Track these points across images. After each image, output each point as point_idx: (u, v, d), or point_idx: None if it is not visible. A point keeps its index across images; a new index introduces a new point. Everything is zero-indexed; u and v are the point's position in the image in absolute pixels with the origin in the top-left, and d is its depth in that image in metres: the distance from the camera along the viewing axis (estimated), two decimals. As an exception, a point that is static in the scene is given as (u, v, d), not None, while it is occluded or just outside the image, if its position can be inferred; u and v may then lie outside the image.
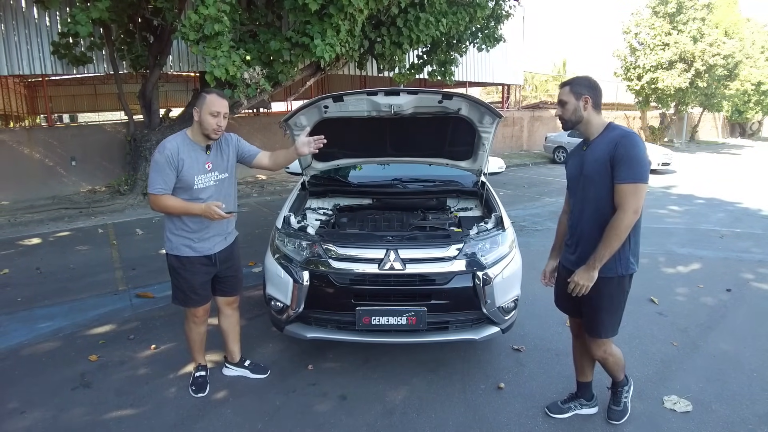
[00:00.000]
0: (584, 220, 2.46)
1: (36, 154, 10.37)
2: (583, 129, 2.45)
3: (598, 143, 2.39)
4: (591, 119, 2.41)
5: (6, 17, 9.22)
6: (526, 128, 20.87)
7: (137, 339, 3.84)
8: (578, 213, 2.51)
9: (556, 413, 2.85)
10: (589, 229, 2.43)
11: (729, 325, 4.04)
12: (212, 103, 2.66)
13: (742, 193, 10.54)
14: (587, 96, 2.37)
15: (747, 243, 6.52)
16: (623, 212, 2.25)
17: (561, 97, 2.44)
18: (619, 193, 2.26)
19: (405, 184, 4.49)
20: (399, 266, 2.99)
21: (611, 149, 2.27)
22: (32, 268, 5.60)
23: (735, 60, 22.28)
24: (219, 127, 2.70)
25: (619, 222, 2.25)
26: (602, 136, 2.39)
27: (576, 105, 2.39)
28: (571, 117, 2.42)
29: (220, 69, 7.47)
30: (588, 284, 2.37)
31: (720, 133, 33.48)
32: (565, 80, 2.48)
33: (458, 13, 10.13)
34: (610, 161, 2.28)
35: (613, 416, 2.79)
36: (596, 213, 2.39)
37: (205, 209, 2.67)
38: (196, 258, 2.86)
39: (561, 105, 2.44)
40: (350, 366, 3.41)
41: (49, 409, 2.94)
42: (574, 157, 2.58)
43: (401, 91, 3.42)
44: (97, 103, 27.16)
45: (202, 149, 2.79)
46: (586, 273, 2.36)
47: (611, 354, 2.63)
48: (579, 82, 2.42)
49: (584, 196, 2.44)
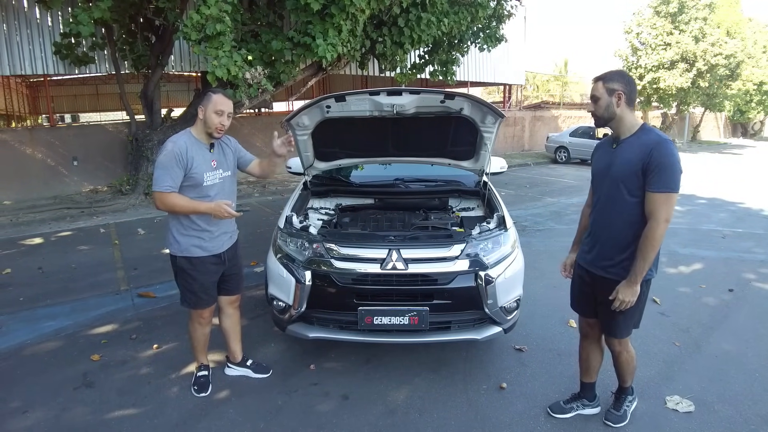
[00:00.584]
0: (605, 221, 2.43)
1: (38, 154, 10.39)
2: (615, 126, 2.38)
3: (630, 144, 2.31)
4: (624, 117, 2.33)
5: (8, 17, 9.23)
6: (527, 128, 20.86)
7: (139, 339, 3.84)
8: (600, 212, 2.48)
9: (559, 413, 2.85)
10: (609, 231, 2.41)
11: (731, 326, 4.04)
12: (218, 102, 2.71)
13: (744, 193, 10.53)
14: (620, 92, 2.29)
15: (749, 243, 6.51)
16: (656, 222, 2.21)
17: (594, 93, 2.36)
18: (652, 201, 2.22)
19: (407, 184, 4.49)
20: (401, 266, 2.99)
21: (645, 155, 2.21)
22: (34, 268, 5.61)
23: (737, 60, 22.25)
24: (222, 125, 2.74)
25: (653, 232, 2.22)
26: (635, 137, 2.31)
27: (609, 101, 2.31)
28: (604, 114, 2.34)
29: (221, 69, 7.48)
30: (633, 299, 2.32)
31: (722, 133, 33.45)
32: (598, 75, 2.39)
33: (460, 13, 10.13)
34: (642, 167, 2.22)
35: (610, 418, 2.77)
36: (620, 216, 2.36)
37: (215, 207, 2.68)
38: (207, 258, 2.87)
39: (593, 100, 2.37)
40: (352, 366, 3.41)
41: (52, 408, 2.94)
42: (602, 152, 2.52)
43: (403, 91, 3.42)
44: (98, 103, 27.18)
45: (207, 147, 2.82)
46: (629, 289, 2.32)
47: (627, 349, 2.63)
48: (612, 77, 2.33)
49: (609, 197, 2.39)
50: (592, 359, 2.81)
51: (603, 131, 13.85)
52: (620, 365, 2.70)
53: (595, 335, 2.75)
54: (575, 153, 16.24)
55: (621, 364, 2.69)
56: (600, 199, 2.47)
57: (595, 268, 2.51)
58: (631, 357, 2.67)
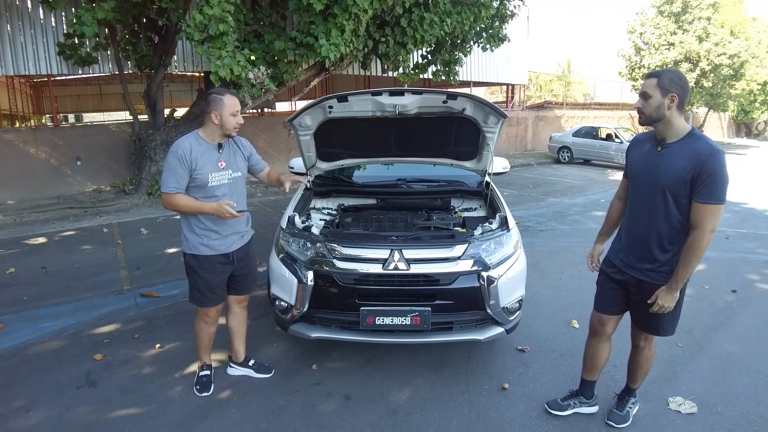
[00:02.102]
0: (645, 225, 2.38)
1: (42, 154, 10.42)
2: (661, 128, 2.29)
3: (678, 150, 2.24)
4: (673, 120, 2.25)
5: (12, 18, 9.27)
6: (530, 128, 20.82)
7: (142, 338, 3.85)
8: (639, 215, 2.43)
9: (556, 410, 2.86)
10: (649, 235, 2.37)
11: (734, 327, 4.02)
12: (232, 105, 2.76)
13: (747, 193, 10.51)
14: (675, 94, 2.20)
15: (752, 244, 6.49)
16: (701, 233, 2.19)
17: (646, 89, 2.26)
18: (700, 212, 2.19)
19: (409, 184, 4.49)
20: (403, 266, 2.99)
21: (696, 164, 2.15)
22: (38, 267, 5.63)
23: (741, 59, 22.15)
24: (239, 124, 2.82)
25: (698, 243, 2.21)
26: (683, 143, 2.24)
27: (660, 102, 2.22)
28: (653, 113, 2.26)
29: (224, 69, 7.49)
30: (672, 305, 2.32)
31: (725, 133, 33.33)
32: (651, 71, 2.33)
33: (463, 13, 10.12)
34: (692, 176, 2.17)
35: (613, 418, 2.76)
36: (662, 222, 2.32)
37: (217, 208, 2.71)
38: (214, 257, 2.88)
39: (644, 98, 2.27)
40: (354, 366, 3.41)
41: (55, 407, 2.96)
42: (643, 152, 2.43)
43: (406, 91, 3.42)
44: (102, 103, 27.25)
45: (215, 148, 2.83)
46: (669, 295, 2.31)
47: (650, 346, 2.64)
48: (669, 76, 2.22)
49: (652, 201, 2.34)
50: (599, 357, 2.79)
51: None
52: (638, 362, 2.69)
53: (606, 333, 2.72)
54: (578, 153, 16.21)
55: (640, 361, 2.68)
56: (640, 202, 2.42)
57: (632, 270, 2.47)
58: (652, 355, 2.67)
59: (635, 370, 2.74)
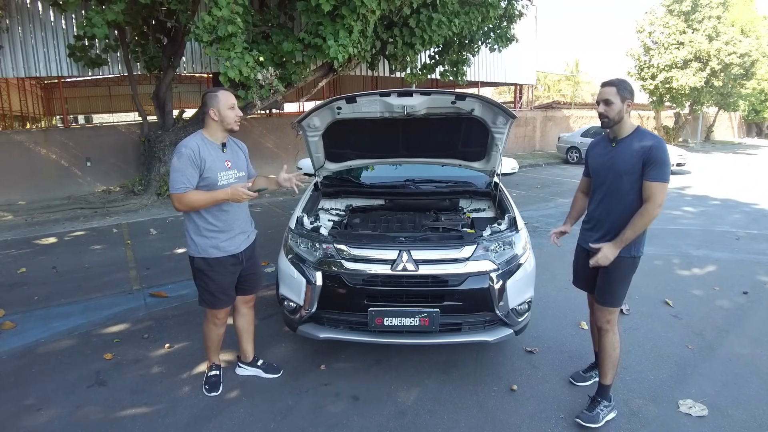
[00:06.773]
0: (609, 208, 2.71)
1: (52, 155, 10.53)
2: (617, 128, 2.66)
3: (629, 143, 2.62)
4: (626, 120, 2.65)
5: (23, 20, 9.38)
6: (538, 128, 20.76)
7: (151, 338, 3.88)
8: (602, 201, 2.75)
9: (580, 381, 3.14)
10: (613, 215, 2.69)
11: (745, 329, 3.98)
12: (227, 98, 2.78)
13: (758, 194, 10.39)
14: (630, 101, 2.62)
15: (763, 245, 6.42)
16: (652, 205, 2.54)
17: (607, 97, 2.61)
18: (650, 189, 2.55)
19: (417, 185, 4.49)
20: (412, 267, 2.98)
21: (645, 152, 2.54)
22: (49, 267, 5.68)
23: (751, 59, 21.92)
24: (239, 116, 2.84)
25: (648, 212, 2.55)
26: (633, 137, 2.63)
27: (621, 107, 2.60)
28: (615, 117, 2.61)
29: (233, 70, 7.53)
30: (609, 259, 2.64)
31: (736, 132, 33.03)
32: (607, 80, 2.67)
33: (470, 13, 10.11)
34: (642, 162, 2.55)
35: (582, 417, 2.74)
36: (622, 202, 2.65)
37: (232, 192, 2.70)
38: (224, 258, 2.89)
39: (606, 104, 2.61)
40: (362, 366, 3.41)
41: (65, 406, 2.98)
42: (601, 150, 2.79)
43: (414, 92, 3.42)
44: (111, 105, 27.52)
45: (219, 148, 2.84)
46: (611, 249, 2.63)
47: (614, 330, 2.79)
48: (625, 86, 2.61)
49: (612, 187, 2.68)
50: None
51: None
52: (604, 349, 2.79)
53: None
54: (587, 153, 16.10)
55: (605, 347, 2.78)
56: (603, 190, 2.74)
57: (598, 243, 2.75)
58: (617, 341, 2.78)
59: (603, 360, 2.80)
